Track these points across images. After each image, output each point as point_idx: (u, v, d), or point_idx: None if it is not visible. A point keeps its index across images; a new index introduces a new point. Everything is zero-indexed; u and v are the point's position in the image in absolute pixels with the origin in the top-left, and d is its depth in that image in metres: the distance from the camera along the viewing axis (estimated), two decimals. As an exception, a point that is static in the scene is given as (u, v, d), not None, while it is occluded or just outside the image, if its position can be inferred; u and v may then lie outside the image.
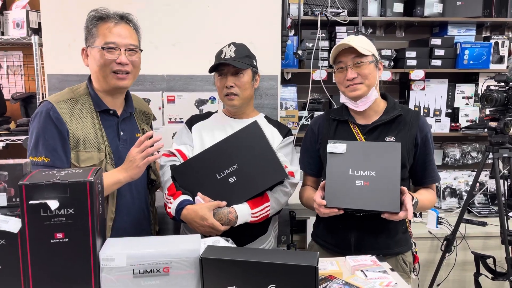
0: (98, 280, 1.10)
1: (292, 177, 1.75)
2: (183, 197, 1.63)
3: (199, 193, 1.63)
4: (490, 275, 2.52)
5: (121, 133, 1.63)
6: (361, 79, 1.64)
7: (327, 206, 1.54)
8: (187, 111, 2.29)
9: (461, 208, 2.62)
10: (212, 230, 1.58)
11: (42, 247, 1.06)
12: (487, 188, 3.14)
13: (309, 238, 2.62)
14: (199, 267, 1.12)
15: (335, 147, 1.59)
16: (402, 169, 1.65)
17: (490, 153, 2.36)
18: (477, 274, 2.56)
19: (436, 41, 2.86)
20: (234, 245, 1.36)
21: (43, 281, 1.08)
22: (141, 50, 1.64)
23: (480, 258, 2.54)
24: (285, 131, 1.85)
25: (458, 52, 2.87)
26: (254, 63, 1.85)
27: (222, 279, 1.12)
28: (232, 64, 1.71)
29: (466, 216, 2.93)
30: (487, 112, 2.38)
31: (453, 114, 3.07)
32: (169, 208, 1.63)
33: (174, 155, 1.77)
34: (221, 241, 1.37)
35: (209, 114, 1.91)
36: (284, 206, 1.78)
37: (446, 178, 3.12)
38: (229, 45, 1.79)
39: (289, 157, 1.80)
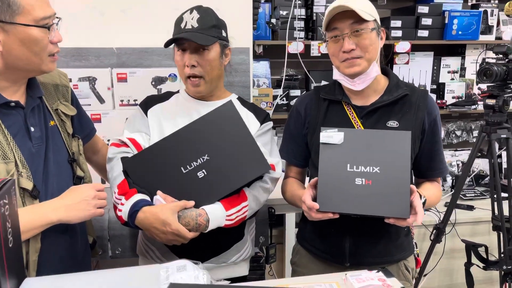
0: None
1: (273, 170, 1.43)
2: (138, 196, 1.28)
3: (159, 192, 1.29)
4: (481, 265, 2.35)
5: (32, 129, 1.20)
6: (360, 51, 1.32)
7: (320, 210, 1.23)
8: (143, 91, 1.89)
9: (451, 194, 2.41)
10: (177, 238, 1.25)
11: None
12: (472, 168, 2.95)
13: (288, 233, 2.33)
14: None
15: (329, 136, 1.27)
16: (407, 161, 1.37)
17: (486, 134, 2.12)
18: (469, 264, 2.37)
19: (423, 9, 2.58)
20: (205, 273, 1.03)
21: None
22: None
23: (471, 247, 2.35)
24: (262, 116, 1.52)
25: (446, 22, 2.60)
26: (224, 34, 1.48)
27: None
28: (193, 40, 1.35)
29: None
30: (485, 88, 2.13)
31: (438, 90, 2.83)
32: (120, 211, 1.28)
33: (126, 145, 1.40)
34: (188, 267, 1.04)
35: (169, 95, 1.54)
36: (263, 205, 1.46)
37: (430, 159, 2.90)
38: (191, 11, 1.41)
39: (268, 147, 1.48)
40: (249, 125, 1.47)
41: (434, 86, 2.84)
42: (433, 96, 2.76)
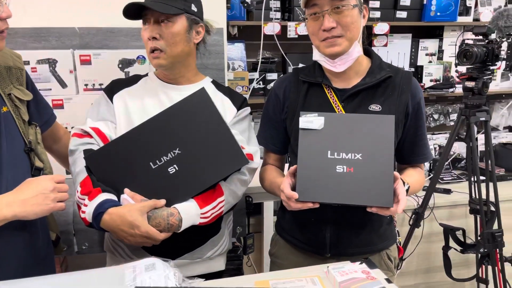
0: None
1: (251, 160, 1.34)
2: (103, 196, 1.16)
3: (126, 190, 1.19)
4: (459, 248, 2.34)
5: None
6: (342, 30, 1.23)
7: (299, 200, 1.16)
8: (108, 75, 1.76)
9: (429, 178, 2.38)
10: (147, 240, 1.15)
11: None
12: (448, 151, 2.94)
13: (266, 222, 2.27)
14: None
15: (309, 121, 1.19)
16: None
17: (465, 117, 2.09)
18: (446, 248, 2.36)
19: (402, -11, 2.51)
20: (176, 271, 0.94)
21: None
22: None
23: (449, 231, 2.34)
24: (239, 101, 1.42)
25: (425, 3, 2.54)
26: (194, 8, 1.36)
27: None
28: (150, 7, 1.23)
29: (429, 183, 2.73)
30: (463, 70, 2.09)
31: (416, 73, 2.79)
32: (84, 212, 1.16)
33: (89, 135, 1.28)
34: (157, 266, 0.95)
35: (136, 78, 1.42)
36: (240, 198, 1.37)
37: (408, 143, 2.88)
38: None
39: (245, 135, 1.39)
40: (225, 112, 1.38)
41: (413, 69, 2.79)
42: (411, 79, 2.72)
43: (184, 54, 1.35)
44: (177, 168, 1.19)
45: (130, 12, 1.28)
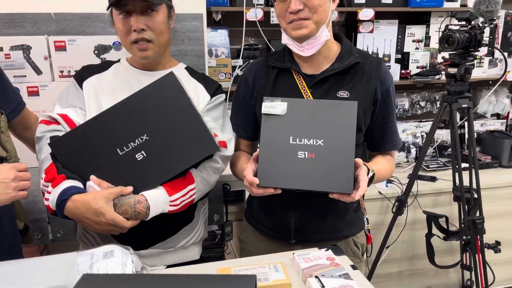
0: None
1: (224, 148, 1.33)
2: (67, 183, 1.14)
3: (92, 177, 1.17)
4: (442, 235, 2.35)
5: None
6: (308, 12, 1.21)
7: (260, 185, 1.15)
8: (85, 61, 1.72)
9: (414, 165, 2.37)
10: (113, 228, 1.13)
11: None
12: (434, 139, 2.93)
13: (248, 209, 2.26)
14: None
15: (272, 106, 1.18)
16: (357, 133, 1.29)
17: (447, 104, 2.07)
18: (429, 235, 2.37)
19: (387, -26, 2.47)
20: (134, 258, 0.94)
21: None
22: None
23: (432, 218, 2.34)
24: (213, 88, 1.40)
25: (411, -12, 2.51)
26: None
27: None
28: None
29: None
30: (447, 56, 2.07)
31: (403, 60, 2.76)
32: (47, 200, 1.15)
33: (57, 122, 1.26)
34: (116, 252, 0.94)
35: (107, 65, 1.40)
36: (213, 186, 1.36)
37: (394, 130, 2.86)
38: None
39: (219, 122, 1.37)
40: (198, 98, 1.36)
41: (399, 56, 2.76)
42: (397, 66, 2.69)
43: (168, 43, 1.34)
44: (145, 155, 1.17)
45: (114, 1, 1.24)
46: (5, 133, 1.25)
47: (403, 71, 2.70)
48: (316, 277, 0.99)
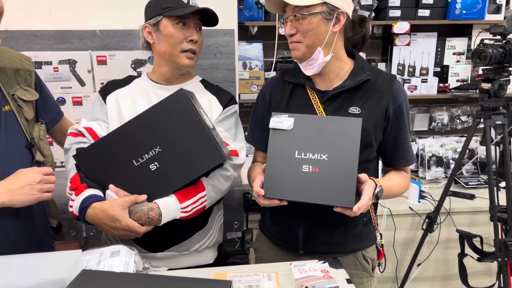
0: None
1: (236, 157, 1.40)
2: (88, 192, 1.26)
3: (111, 186, 1.28)
4: (476, 256, 2.26)
5: None
6: (300, 36, 1.26)
7: (266, 196, 1.20)
8: (123, 74, 1.87)
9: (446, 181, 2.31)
10: (128, 233, 1.23)
11: None
12: (477, 155, 2.82)
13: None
14: (63, 304, 0.80)
15: (279, 121, 1.23)
16: (367, 149, 1.31)
17: (482, 120, 2.01)
18: (462, 255, 2.28)
19: (425, -13, 2.44)
20: (137, 259, 1.03)
21: None
22: None
23: (465, 238, 2.26)
24: (226, 100, 1.48)
25: (449, 0, 2.45)
26: None
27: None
28: (212, 14, 1.39)
29: (452, 188, 2.64)
30: (480, 72, 2.01)
31: (442, 73, 2.69)
32: (71, 206, 1.27)
33: (83, 134, 1.39)
34: (122, 253, 1.04)
35: (130, 79, 1.51)
36: (226, 193, 1.44)
37: (432, 145, 2.79)
38: None
39: (231, 132, 1.45)
40: (211, 109, 1.45)
41: (438, 69, 2.70)
42: (435, 80, 2.63)
43: None
44: (157, 165, 1.26)
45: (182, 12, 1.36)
46: (43, 140, 1.39)
47: (441, 85, 2.63)
48: (306, 287, 1.03)
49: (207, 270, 1.14)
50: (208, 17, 1.42)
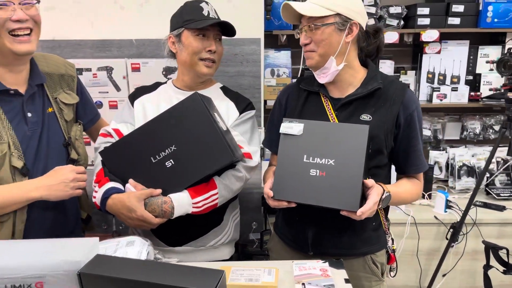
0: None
1: (249, 159, 1.48)
2: (109, 184, 1.39)
3: (130, 180, 1.39)
4: (502, 268, 2.21)
5: (29, 114, 1.36)
6: (314, 45, 1.33)
7: (275, 198, 1.28)
8: (154, 80, 2.02)
9: (473, 190, 2.27)
10: (143, 223, 1.35)
11: None
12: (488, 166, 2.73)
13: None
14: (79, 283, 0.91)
15: (289, 127, 1.30)
16: (378, 155, 1.36)
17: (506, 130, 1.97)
18: (487, 267, 2.24)
19: (454, -5, 2.42)
20: (150, 249, 1.14)
21: None
22: (38, 1, 1.32)
23: (491, 249, 2.22)
24: (243, 105, 1.56)
25: (480, 9, 2.42)
26: None
27: (105, 298, 0.90)
28: (228, 26, 1.48)
29: (484, 199, 2.58)
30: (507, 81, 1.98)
31: (474, 82, 2.65)
32: (94, 197, 1.41)
33: (111, 135, 1.52)
34: (136, 243, 1.15)
35: (157, 85, 1.64)
36: (238, 192, 1.52)
37: (463, 154, 2.74)
38: (206, 3, 1.52)
39: (247, 136, 1.53)
40: (228, 114, 1.54)
41: (470, 77, 2.66)
42: (466, 88, 2.60)
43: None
44: (173, 163, 1.37)
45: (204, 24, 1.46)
46: (79, 140, 1.54)
47: (472, 93, 2.59)
48: (303, 284, 1.09)
49: (216, 264, 1.23)
50: (226, 28, 1.51)
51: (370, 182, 1.24)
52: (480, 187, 2.67)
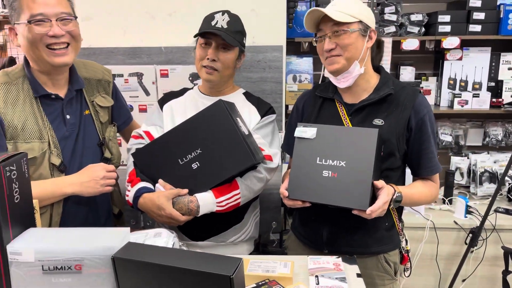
0: (9, 275, 1.03)
1: (270, 161, 1.57)
2: (141, 184, 1.50)
3: (160, 180, 1.51)
4: (521, 275, 2.21)
5: (68, 116, 1.49)
6: (340, 50, 1.40)
7: (290, 198, 1.36)
8: (181, 85, 2.14)
9: (492, 196, 2.28)
10: (171, 220, 1.45)
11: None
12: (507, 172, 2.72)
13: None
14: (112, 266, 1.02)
15: (303, 131, 1.38)
16: (390, 158, 1.43)
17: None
18: (506, 272, 2.25)
19: (475, 3, 2.45)
20: (175, 240, 1.24)
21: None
22: (76, 17, 1.44)
23: (510, 254, 2.22)
24: (264, 109, 1.65)
25: (501, 16, 2.44)
26: (244, 41, 1.67)
27: (136, 281, 1.01)
28: (222, 37, 1.53)
29: (506, 205, 2.58)
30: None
31: (496, 88, 2.66)
32: (127, 196, 1.52)
33: (142, 137, 1.64)
34: (163, 234, 1.25)
35: (184, 91, 1.75)
36: (260, 192, 1.61)
37: (485, 161, 2.75)
38: (223, 13, 1.61)
39: (268, 139, 1.62)
40: (250, 118, 1.63)
41: (492, 84, 2.67)
42: (487, 95, 2.61)
43: (230, 75, 1.66)
44: (198, 165, 1.47)
45: (201, 33, 1.59)
46: (112, 140, 1.66)
47: (494, 100, 2.60)
48: (316, 276, 1.17)
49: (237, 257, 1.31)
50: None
51: (380, 183, 1.31)
52: (502, 194, 2.69)
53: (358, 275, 1.22)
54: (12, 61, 2.68)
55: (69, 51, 1.41)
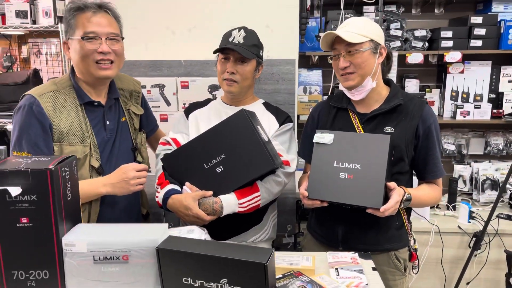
0: (63, 264, 1.16)
1: (288, 166, 1.70)
2: (169, 186, 1.64)
3: (186, 183, 1.64)
4: (524, 277, 2.32)
5: (107, 122, 1.63)
6: (354, 68, 1.53)
7: (309, 198, 1.48)
8: (201, 96, 2.29)
9: (494, 202, 2.40)
10: (197, 220, 1.58)
11: (10, 230, 1.13)
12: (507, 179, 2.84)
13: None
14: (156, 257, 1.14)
15: (321, 137, 1.52)
16: (399, 162, 1.56)
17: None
18: (509, 275, 2.35)
19: (477, 19, 2.60)
20: (207, 236, 1.36)
21: (13, 264, 1.15)
22: (123, 38, 1.61)
23: (513, 258, 2.33)
24: (282, 118, 1.79)
25: (502, 31, 2.59)
26: (261, 53, 1.80)
27: (177, 270, 1.13)
28: (238, 51, 1.67)
29: (508, 211, 2.69)
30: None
31: (497, 100, 2.80)
32: (157, 197, 1.66)
33: (170, 144, 1.77)
34: (196, 231, 1.38)
35: (207, 101, 1.89)
36: (278, 196, 1.74)
37: (487, 169, 2.87)
38: (239, 29, 1.75)
39: (286, 145, 1.75)
40: (269, 126, 1.77)
41: (493, 96, 2.81)
42: (488, 106, 2.74)
43: (249, 86, 1.79)
44: (222, 169, 1.60)
45: (219, 49, 1.73)
46: (143, 146, 1.80)
47: (494, 110, 2.74)
48: (336, 268, 1.29)
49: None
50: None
51: (392, 184, 1.44)
52: (503, 200, 2.81)
53: (374, 269, 1.34)
54: (36, 73, 2.82)
55: (113, 67, 1.57)
